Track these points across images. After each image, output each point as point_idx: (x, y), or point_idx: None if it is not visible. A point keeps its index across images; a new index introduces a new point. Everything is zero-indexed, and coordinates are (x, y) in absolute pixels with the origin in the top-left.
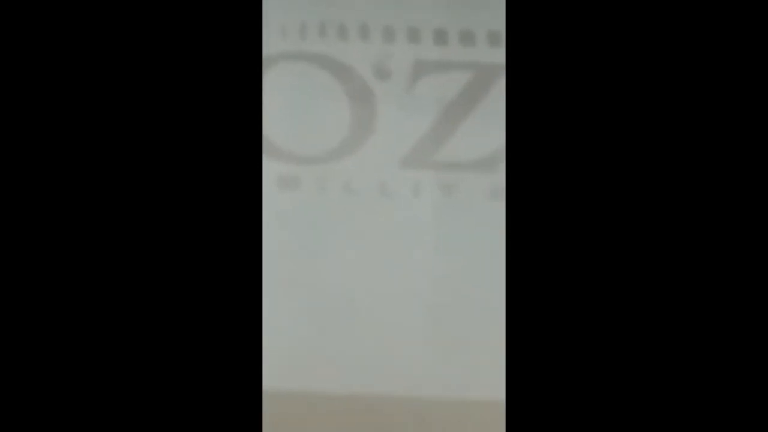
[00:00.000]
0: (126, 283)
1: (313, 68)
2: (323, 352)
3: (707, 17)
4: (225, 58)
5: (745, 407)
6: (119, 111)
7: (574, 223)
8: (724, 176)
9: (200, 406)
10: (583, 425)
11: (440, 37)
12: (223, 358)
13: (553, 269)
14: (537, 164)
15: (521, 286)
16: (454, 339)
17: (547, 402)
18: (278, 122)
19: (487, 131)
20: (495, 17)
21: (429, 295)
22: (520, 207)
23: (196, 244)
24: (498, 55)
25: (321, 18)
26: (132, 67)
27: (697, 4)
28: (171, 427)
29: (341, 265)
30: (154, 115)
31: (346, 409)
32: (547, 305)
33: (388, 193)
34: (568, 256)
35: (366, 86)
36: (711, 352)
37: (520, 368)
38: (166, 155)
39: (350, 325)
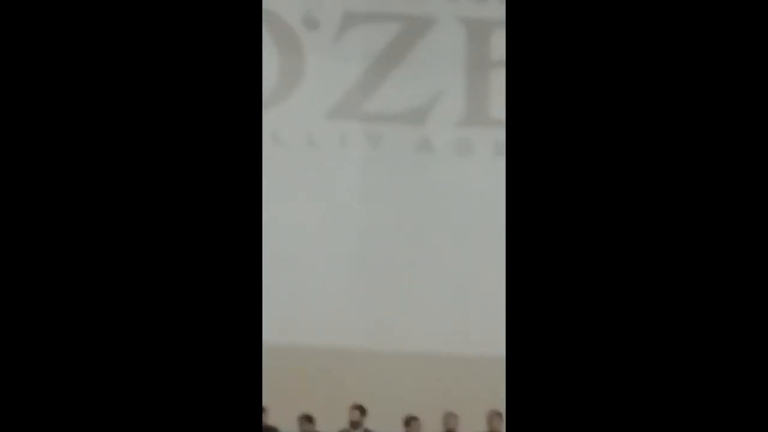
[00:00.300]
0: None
1: None
2: None
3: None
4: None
5: (741, 400)
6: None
7: (570, 186)
8: (718, 158)
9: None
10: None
11: None
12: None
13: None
14: (537, 123)
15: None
16: (378, 289)
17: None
18: None
19: (415, 84)
20: None
21: (354, 246)
22: (521, 164)
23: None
24: (427, 7)
25: None
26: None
27: None
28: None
29: (267, 215)
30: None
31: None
32: (551, 273)
33: (315, 143)
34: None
35: (294, 36)
36: (705, 325)
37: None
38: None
39: (275, 274)
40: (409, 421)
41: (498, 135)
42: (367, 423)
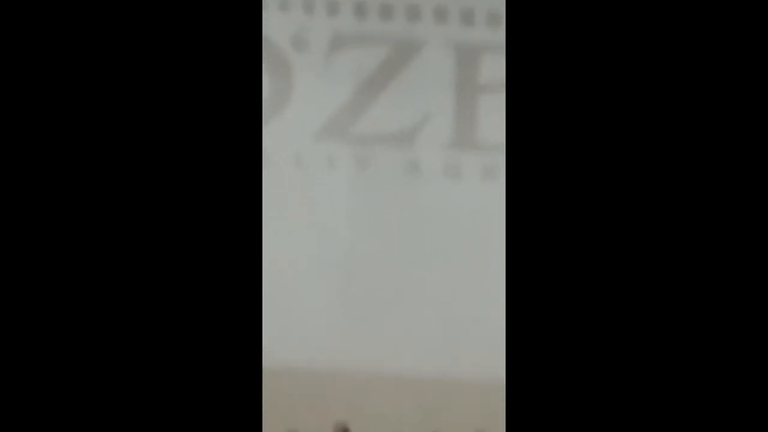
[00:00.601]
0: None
1: None
2: None
3: (699, 15)
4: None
5: (742, 403)
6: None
7: (570, 212)
8: (718, 169)
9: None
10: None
11: (359, 10)
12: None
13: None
14: (536, 147)
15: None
16: (364, 310)
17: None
18: None
19: (404, 106)
20: None
21: (340, 267)
22: (519, 188)
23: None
24: (417, 30)
25: None
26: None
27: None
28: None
29: None
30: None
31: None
32: (550, 292)
33: (302, 164)
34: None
35: (283, 57)
36: (705, 340)
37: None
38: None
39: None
40: None
41: (486, 158)
42: None
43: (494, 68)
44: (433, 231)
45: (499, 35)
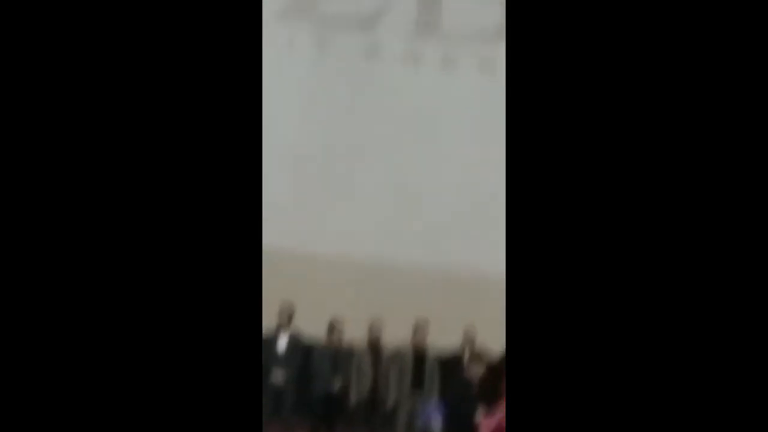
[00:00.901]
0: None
1: None
2: None
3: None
4: None
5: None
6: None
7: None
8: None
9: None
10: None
11: None
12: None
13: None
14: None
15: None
16: (313, 192)
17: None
18: None
19: None
20: None
21: (294, 150)
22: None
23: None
24: None
25: None
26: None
27: None
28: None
29: None
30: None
31: None
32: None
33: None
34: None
35: None
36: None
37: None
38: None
39: None
40: (333, 325)
41: (446, 47)
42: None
43: None
44: (390, 116)
45: None
